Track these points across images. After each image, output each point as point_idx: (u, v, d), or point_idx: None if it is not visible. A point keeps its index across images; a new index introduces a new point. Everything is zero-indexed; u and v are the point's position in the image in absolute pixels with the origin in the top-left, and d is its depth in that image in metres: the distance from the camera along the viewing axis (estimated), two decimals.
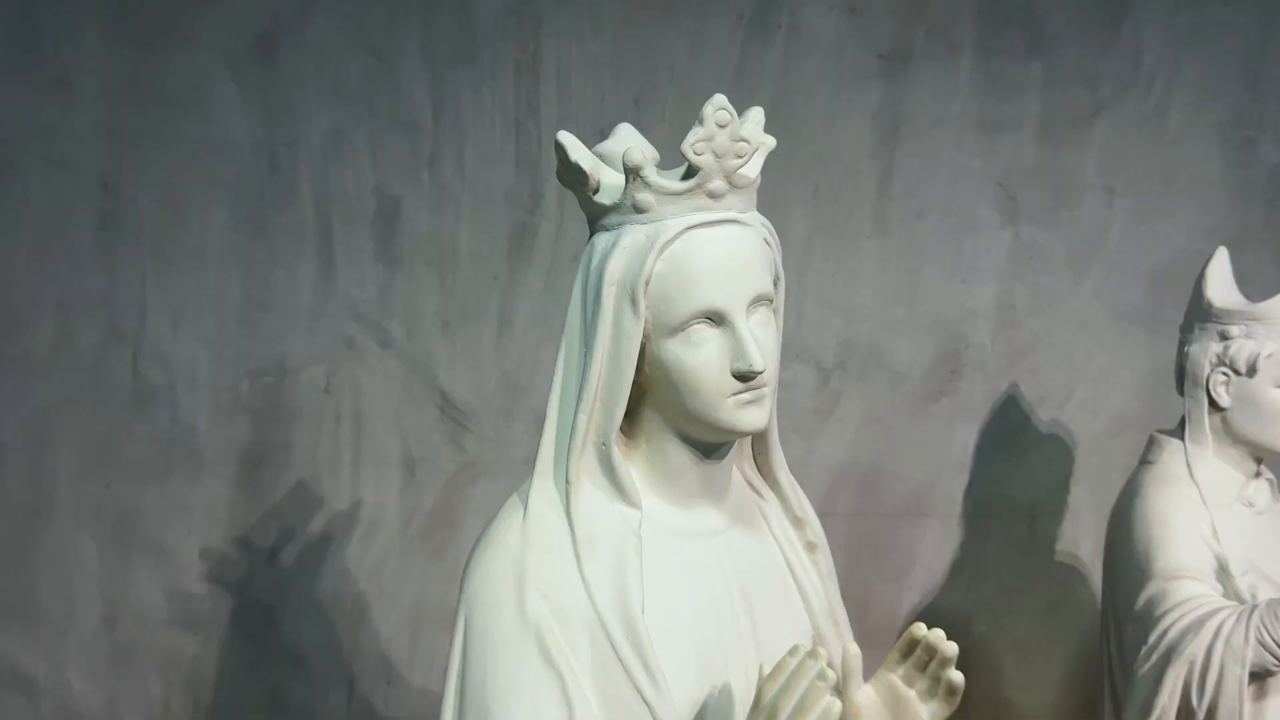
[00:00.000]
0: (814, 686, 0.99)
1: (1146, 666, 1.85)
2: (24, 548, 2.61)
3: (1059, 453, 2.88)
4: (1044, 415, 2.87)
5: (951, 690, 1.11)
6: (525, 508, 1.14)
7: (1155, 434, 2.09)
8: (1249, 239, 2.81)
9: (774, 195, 2.54)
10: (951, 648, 1.09)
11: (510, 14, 2.66)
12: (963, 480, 2.88)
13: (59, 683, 2.65)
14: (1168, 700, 1.82)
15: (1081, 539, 2.78)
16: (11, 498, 2.61)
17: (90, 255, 2.66)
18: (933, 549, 2.88)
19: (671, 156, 1.29)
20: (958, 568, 2.87)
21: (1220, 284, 2.03)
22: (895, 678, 1.13)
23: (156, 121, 2.66)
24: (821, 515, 1.58)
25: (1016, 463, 2.88)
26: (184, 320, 2.68)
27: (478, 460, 2.74)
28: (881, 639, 2.76)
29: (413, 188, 2.71)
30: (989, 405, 2.88)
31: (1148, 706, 1.83)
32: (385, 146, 2.71)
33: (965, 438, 2.87)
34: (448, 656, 1.14)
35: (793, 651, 1.02)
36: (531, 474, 1.17)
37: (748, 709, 1.07)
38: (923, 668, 1.11)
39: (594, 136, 2.68)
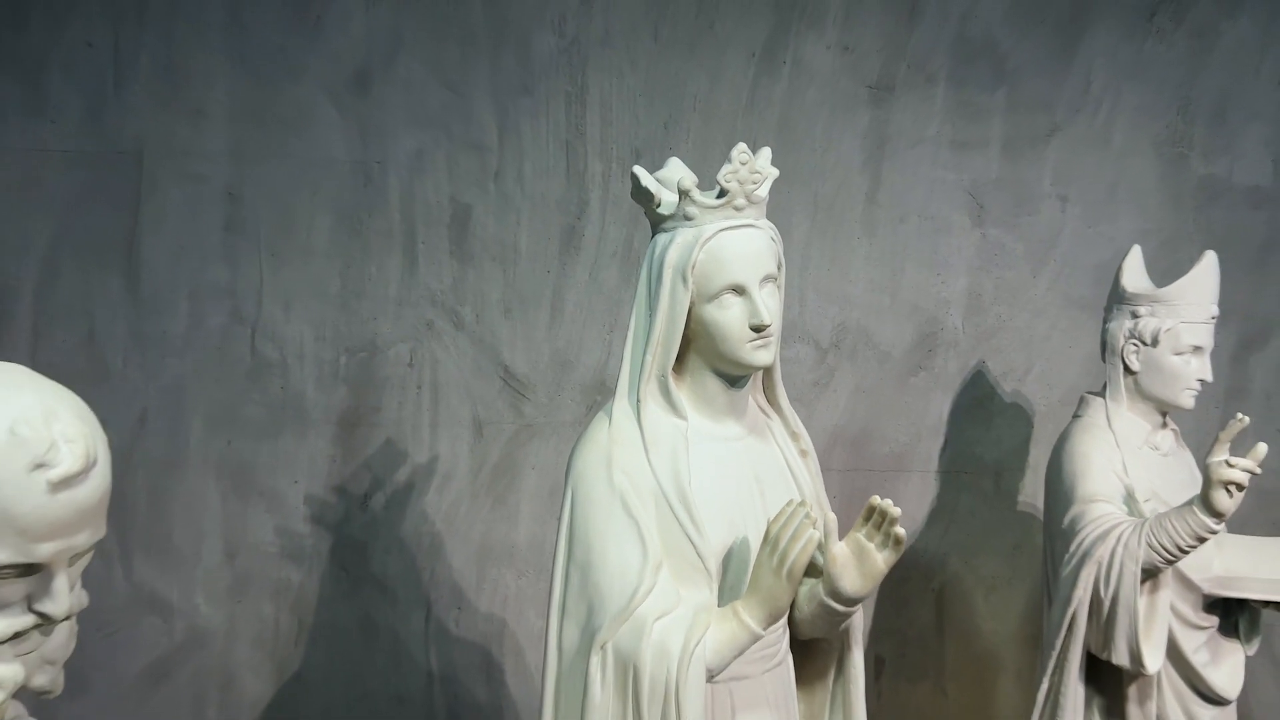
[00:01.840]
0: (802, 523, 1.50)
1: (1068, 570, 2.25)
2: (161, 495, 2.88)
3: (1020, 419, 3.14)
4: (1007, 387, 3.13)
5: (897, 541, 1.57)
6: (610, 418, 1.64)
7: (1085, 394, 2.49)
8: (1180, 240, 3.09)
9: (780, 203, 2.95)
10: (896, 511, 1.55)
11: (562, 55, 2.92)
12: (938, 442, 3.13)
13: (189, 606, 2.92)
14: (1083, 593, 2.21)
15: (1039, 492, 2.88)
16: (151, 453, 2.87)
17: (217, 252, 2.90)
18: (913, 500, 3.14)
19: (696, 169, 1.69)
20: (935, 516, 3.15)
21: (1133, 274, 2.42)
22: (860, 535, 1.60)
23: (272, 142, 2.90)
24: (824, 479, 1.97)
25: (984, 427, 3.13)
26: (294, 306, 2.92)
27: (533, 423, 3.00)
28: None
29: (481, 197, 2.95)
30: (960, 379, 3.13)
31: (1068, 600, 2.23)
32: (459, 163, 2.94)
33: (940, 406, 3.13)
34: (559, 515, 1.63)
35: (789, 503, 1.53)
36: (614, 395, 1.67)
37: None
38: (878, 526, 1.58)
39: (631, 155, 3.08)
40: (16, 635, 1.06)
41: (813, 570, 1.69)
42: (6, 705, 1.08)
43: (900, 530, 1.57)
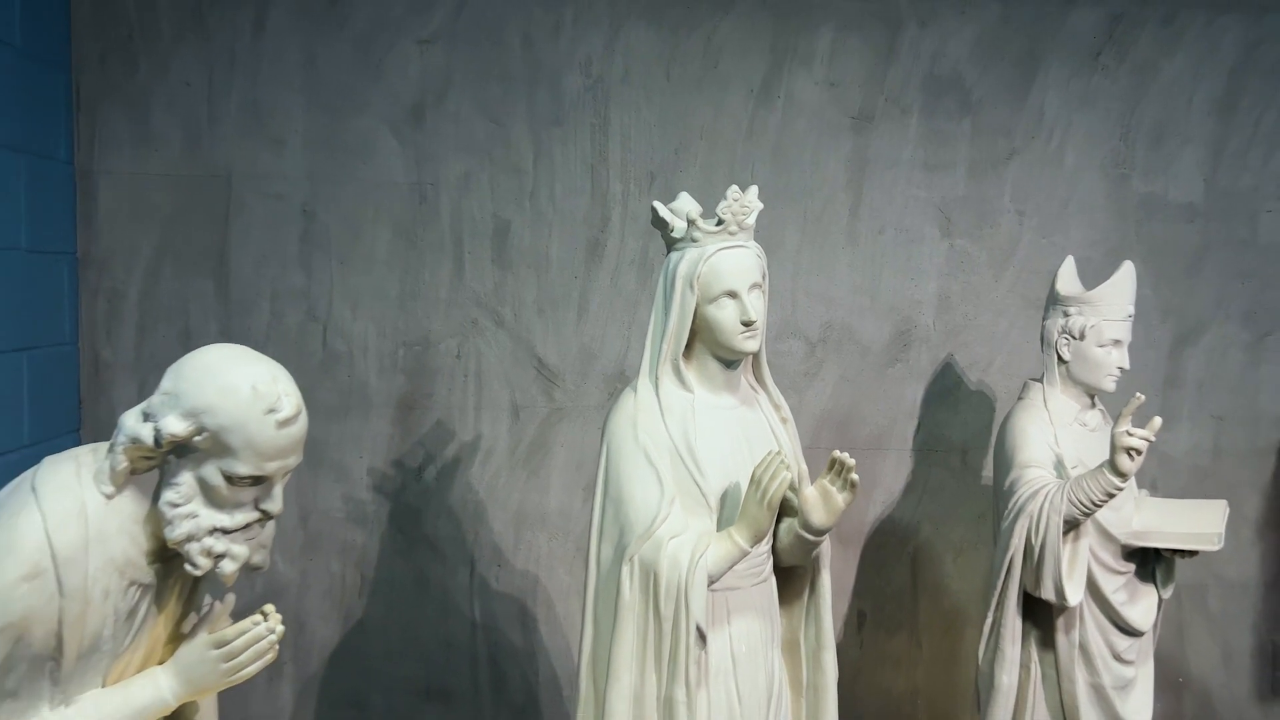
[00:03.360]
0: (779, 466, 2.03)
1: (1006, 523, 2.71)
2: None
3: (983, 404, 3.53)
4: (972, 377, 3.53)
5: (853, 485, 2.07)
6: (635, 392, 2.16)
7: (1027, 380, 2.94)
8: (1124, 249, 3.44)
9: (775, 218, 3.42)
10: (852, 461, 2.05)
11: (588, 92, 3.33)
12: (913, 424, 3.53)
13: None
14: (1018, 542, 2.67)
15: None
16: None
17: (294, 261, 3.28)
18: (891, 474, 3.55)
19: (703, 188, 2.16)
20: (909, 489, 3.55)
21: (1066, 280, 2.86)
22: (824, 481, 2.10)
23: (341, 167, 3.27)
24: (807, 449, 2.37)
25: (952, 411, 3.53)
26: (359, 306, 3.31)
27: (563, 407, 3.41)
28: (854, 539, 3.54)
29: (519, 213, 3.34)
30: (932, 369, 3.52)
31: (1006, 548, 2.71)
32: (500, 185, 3.32)
33: (914, 393, 3.52)
34: (596, 467, 2.14)
35: (769, 453, 2.06)
36: (638, 375, 2.19)
37: None
38: (839, 474, 2.10)
39: (647, 177, 3.54)
40: (246, 526, 1.62)
41: (789, 511, 2.23)
42: (237, 574, 1.64)
43: (855, 476, 2.09)
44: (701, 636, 2.04)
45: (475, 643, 3.48)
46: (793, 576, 2.34)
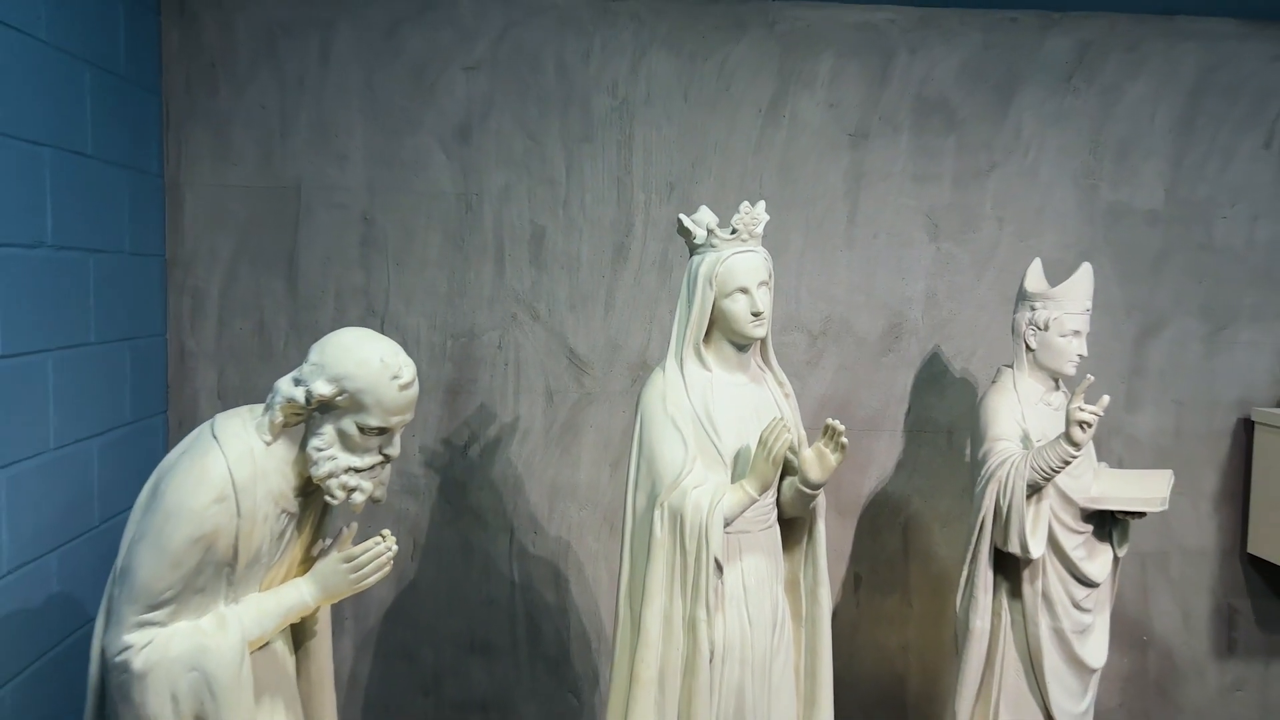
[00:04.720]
0: (782, 428, 2.53)
1: (979, 488, 3.15)
2: None
3: (967, 390, 3.92)
4: (957, 365, 3.90)
5: (843, 447, 2.54)
6: (664, 371, 2.65)
7: (1000, 366, 3.36)
8: (1093, 253, 3.86)
9: (781, 224, 3.84)
10: (842, 427, 2.54)
11: (614, 112, 3.71)
12: (903, 408, 3.89)
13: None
14: (989, 504, 3.10)
15: None
16: None
17: (356, 262, 3.63)
18: (884, 453, 3.92)
19: (717, 198, 2.65)
20: (900, 465, 3.94)
21: (1033, 279, 3.27)
22: (820, 444, 2.59)
23: (397, 179, 3.61)
24: (809, 430, 2.74)
25: (939, 396, 3.90)
26: (412, 302, 3.67)
27: (591, 392, 3.80)
28: (851, 510, 3.94)
29: (553, 220, 3.69)
30: (921, 359, 3.87)
31: (979, 509, 3.14)
32: (536, 195, 3.66)
33: (905, 380, 3.88)
34: (622, 445, 2.66)
35: (773, 419, 2.56)
36: (665, 357, 2.69)
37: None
38: (832, 438, 2.60)
39: (666, 188, 4.01)
40: (372, 467, 2.14)
41: (791, 470, 2.73)
42: (364, 504, 2.16)
43: (845, 439, 2.58)
44: (719, 567, 2.54)
45: (514, 601, 3.90)
46: (794, 527, 2.84)
